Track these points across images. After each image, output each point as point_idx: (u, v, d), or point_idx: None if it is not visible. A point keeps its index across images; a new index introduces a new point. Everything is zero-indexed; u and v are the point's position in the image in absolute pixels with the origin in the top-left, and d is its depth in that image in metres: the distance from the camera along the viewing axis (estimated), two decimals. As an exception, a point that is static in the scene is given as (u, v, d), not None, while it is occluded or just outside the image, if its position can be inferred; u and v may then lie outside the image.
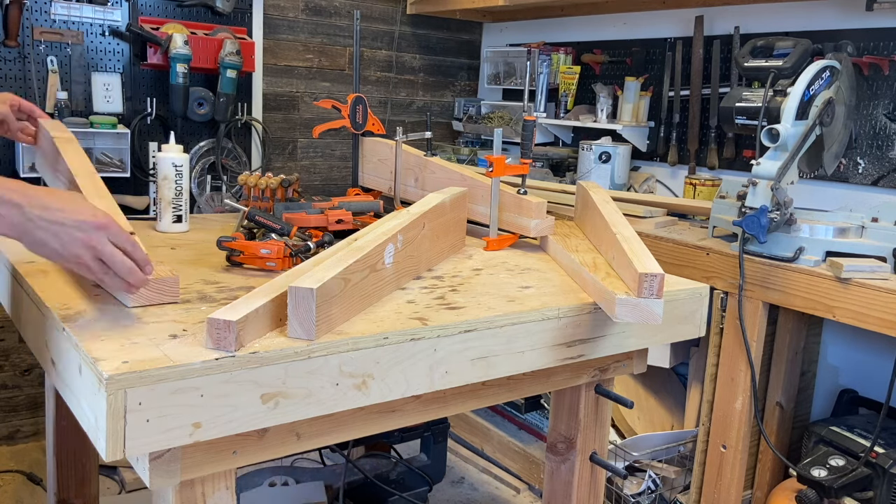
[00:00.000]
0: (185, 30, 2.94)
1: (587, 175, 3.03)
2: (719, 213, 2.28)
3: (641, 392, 2.66)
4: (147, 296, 1.23)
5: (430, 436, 2.43)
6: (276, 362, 1.04)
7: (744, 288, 2.08)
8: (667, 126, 3.07)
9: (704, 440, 2.28)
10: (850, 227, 2.04)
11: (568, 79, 3.38)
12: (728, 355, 2.18)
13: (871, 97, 2.43)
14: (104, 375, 0.93)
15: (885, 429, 2.05)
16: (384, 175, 2.14)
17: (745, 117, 2.17)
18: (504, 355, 1.29)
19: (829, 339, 2.49)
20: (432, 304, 1.32)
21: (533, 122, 1.82)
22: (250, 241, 1.53)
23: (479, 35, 4.01)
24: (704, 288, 1.59)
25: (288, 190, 2.04)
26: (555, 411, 1.67)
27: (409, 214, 1.50)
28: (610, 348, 1.46)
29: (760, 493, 2.31)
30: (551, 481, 1.69)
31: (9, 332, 2.90)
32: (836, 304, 1.92)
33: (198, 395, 0.98)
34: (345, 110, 2.10)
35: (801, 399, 2.39)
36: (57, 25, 2.84)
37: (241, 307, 1.08)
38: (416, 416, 1.33)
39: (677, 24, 3.04)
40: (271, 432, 1.14)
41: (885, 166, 2.42)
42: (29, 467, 2.80)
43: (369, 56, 3.65)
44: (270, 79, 3.38)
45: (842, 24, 2.52)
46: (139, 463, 1.05)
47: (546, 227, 1.80)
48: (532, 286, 1.48)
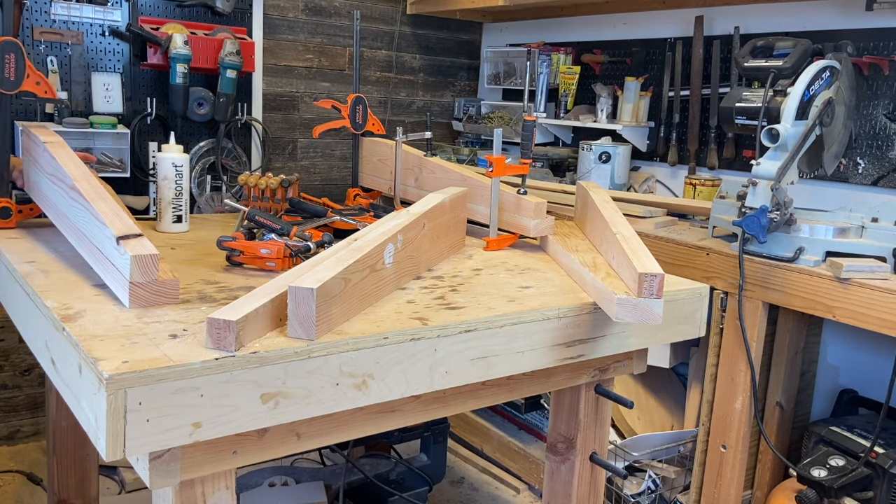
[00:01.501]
0: (185, 30, 2.94)
1: (587, 175, 3.03)
2: (719, 213, 2.28)
3: (641, 392, 2.66)
4: (147, 297, 1.23)
5: (430, 436, 2.43)
6: (276, 362, 1.04)
7: (744, 288, 2.08)
8: (667, 126, 3.07)
9: (704, 440, 2.28)
10: (850, 227, 2.04)
11: (568, 79, 3.38)
12: (728, 355, 2.18)
13: (871, 97, 2.43)
14: (104, 375, 0.93)
15: (885, 429, 2.05)
16: (384, 175, 2.14)
17: (745, 117, 2.17)
18: (504, 355, 1.29)
19: (829, 339, 2.49)
20: (432, 304, 1.32)
21: (533, 122, 1.82)
22: (250, 242, 1.53)
23: (479, 35, 4.01)
24: (704, 288, 1.59)
25: (288, 190, 2.04)
26: (555, 411, 1.67)
27: (409, 214, 1.50)
28: (610, 348, 1.46)
29: (760, 493, 2.31)
30: (551, 481, 1.69)
31: (9, 332, 2.90)
32: (835, 304, 1.92)
33: (198, 395, 0.98)
34: (345, 110, 2.10)
35: (801, 399, 2.39)
36: (57, 25, 2.84)
37: (241, 307, 1.08)
38: (416, 416, 1.33)
39: (677, 24, 3.04)
40: (271, 432, 1.14)
41: (884, 166, 2.42)
42: (29, 467, 2.79)
43: (369, 56, 3.65)
44: (270, 79, 3.38)
45: (842, 24, 2.52)
46: (139, 463, 1.05)
47: (546, 227, 1.80)
48: (532, 286, 1.48)
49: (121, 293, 1.24)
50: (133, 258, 1.21)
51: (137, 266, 1.21)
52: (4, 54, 1.45)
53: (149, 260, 1.22)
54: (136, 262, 1.21)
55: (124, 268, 1.22)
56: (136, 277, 1.22)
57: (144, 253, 1.22)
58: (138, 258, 1.21)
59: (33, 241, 1.65)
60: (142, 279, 1.22)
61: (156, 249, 1.24)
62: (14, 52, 1.47)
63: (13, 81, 1.47)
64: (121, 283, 1.24)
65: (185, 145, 3.02)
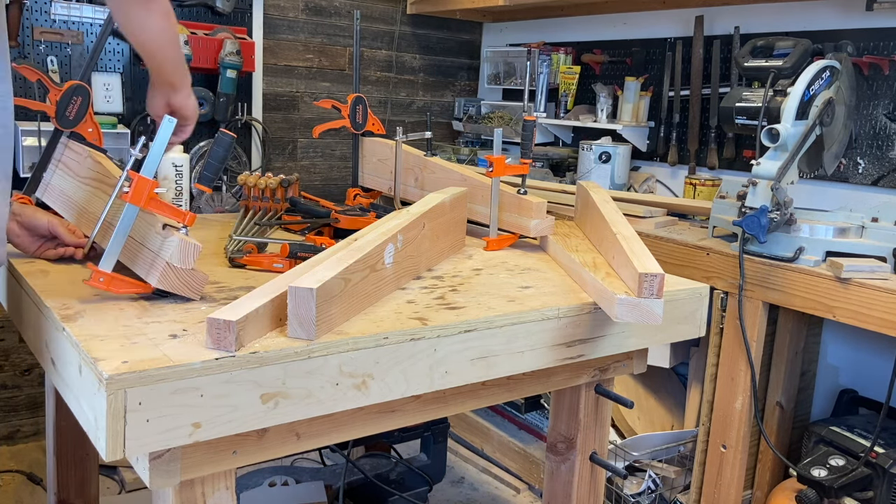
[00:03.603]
0: (185, 30, 2.94)
1: (587, 175, 3.03)
2: (719, 213, 2.28)
3: (641, 392, 2.66)
4: (175, 283, 1.24)
5: (430, 436, 2.43)
6: (276, 362, 1.04)
7: (744, 288, 2.08)
8: (667, 126, 3.07)
9: (704, 440, 2.28)
10: (850, 227, 2.04)
11: (568, 79, 3.38)
12: (728, 355, 2.18)
13: (871, 97, 2.43)
14: (104, 375, 0.93)
15: (885, 429, 2.05)
16: (384, 175, 2.14)
17: (745, 117, 2.17)
18: (504, 355, 1.29)
19: (829, 339, 2.49)
20: (432, 304, 1.32)
21: (533, 122, 1.82)
22: (262, 256, 1.54)
23: (479, 35, 4.01)
24: (704, 288, 1.59)
25: (288, 190, 2.04)
26: (555, 411, 1.67)
27: (409, 214, 1.50)
28: (610, 348, 1.46)
29: (760, 493, 2.31)
30: (551, 481, 1.69)
31: (9, 332, 2.90)
32: (835, 303, 1.92)
33: (198, 395, 0.98)
34: (345, 110, 2.10)
35: (801, 399, 2.39)
36: (57, 25, 2.84)
37: (242, 307, 1.08)
38: (416, 416, 1.33)
39: (677, 24, 3.04)
40: (271, 432, 1.14)
41: (885, 166, 2.42)
42: (29, 467, 2.79)
43: (369, 56, 3.65)
44: (270, 79, 3.38)
45: (842, 24, 2.52)
46: (139, 463, 1.05)
47: (546, 227, 1.80)
48: (532, 286, 1.48)
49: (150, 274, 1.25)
50: (180, 241, 1.23)
51: (180, 250, 1.24)
52: (73, 95, 1.57)
53: (191, 248, 1.25)
54: (181, 246, 1.23)
55: (164, 250, 1.24)
56: (175, 261, 1.23)
57: (189, 241, 1.25)
58: (183, 242, 1.24)
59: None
60: (178, 264, 1.24)
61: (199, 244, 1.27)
62: (82, 95, 1.58)
63: (71, 121, 1.58)
64: (153, 265, 1.25)
65: (185, 145, 3.02)
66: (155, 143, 1.26)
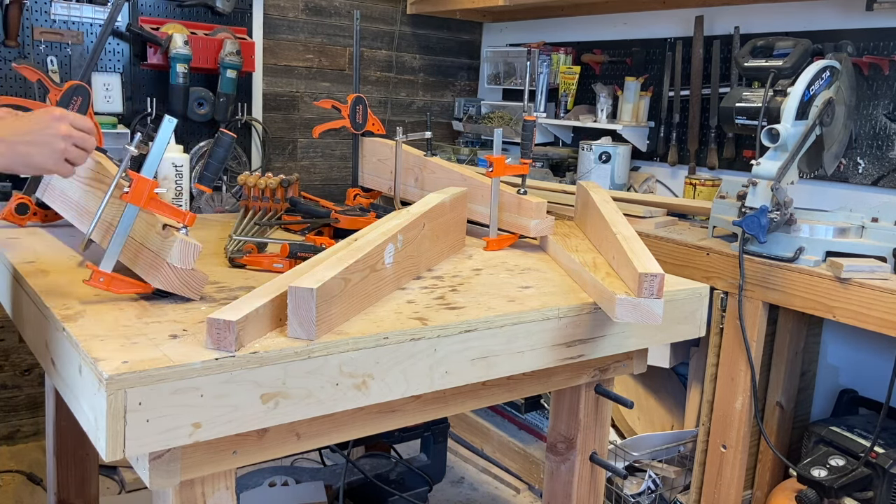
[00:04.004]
0: (185, 30, 2.94)
1: (587, 175, 3.03)
2: (719, 213, 2.28)
3: (641, 392, 2.66)
4: (175, 283, 1.24)
5: (430, 436, 2.43)
6: (276, 362, 1.04)
7: (744, 288, 2.08)
8: (667, 126, 3.07)
9: (704, 440, 2.28)
10: (850, 227, 2.04)
11: (568, 79, 3.38)
12: (728, 355, 2.18)
13: (871, 97, 2.43)
14: (104, 375, 0.93)
15: (885, 429, 2.05)
16: (384, 175, 2.14)
17: (745, 117, 2.17)
18: (504, 355, 1.29)
19: (829, 339, 2.49)
20: (432, 304, 1.32)
21: (533, 122, 1.82)
22: (262, 256, 1.54)
23: (479, 35, 4.01)
24: (704, 288, 1.59)
25: (288, 190, 2.04)
26: (555, 411, 1.67)
27: (409, 214, 1.50)
28: (610, 348, 1.46)
29: (760, 493, 2.31)
30: (551, 481, 1.69)
31: (9, 332, 2.90)
32: (835, 304, 1.92)
33: (198, 395, 0.98)
34: (345, 110, 2.10)
35: (801, 399, 2.39)
36: (57, 25, 2.84)
37: (242, 307, 1.08)
38: (416, 416, 1.33)
39: (677, 24, 3.04)
40: (271, 432, 1.14)
41: (885, 166, 2.42)
42: (29, 467, 2.79)
43: (369, 56, 3.65)
44: (270, 79, 3.38)
45: (842, 24, 2.52)
46: (139, 463, 1.05)
47: (546, 227, 1.80)
48: (532, 286, 1.48)
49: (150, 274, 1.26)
50: (180, 241, 1.24)
51: (180, 250, 1.24)
52: (73, 95, 1.56)
53: (191, 248, 1.26)
54: (181, 246, 1.24)
55: (164, 250, 1.24)
56: (175, 261, 1.24)
57: (189, 241, 1.26)
58: (183, 243, 1.24)
59: (34, 242, 1.65)
60: (178, 264, 1.24)
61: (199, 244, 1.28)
62: (82, 95, 1.58)
63: None
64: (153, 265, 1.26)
65: (185, 145, 3.02)
66: (155, 143, 1.26)
